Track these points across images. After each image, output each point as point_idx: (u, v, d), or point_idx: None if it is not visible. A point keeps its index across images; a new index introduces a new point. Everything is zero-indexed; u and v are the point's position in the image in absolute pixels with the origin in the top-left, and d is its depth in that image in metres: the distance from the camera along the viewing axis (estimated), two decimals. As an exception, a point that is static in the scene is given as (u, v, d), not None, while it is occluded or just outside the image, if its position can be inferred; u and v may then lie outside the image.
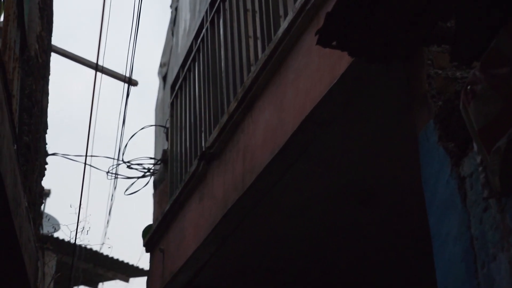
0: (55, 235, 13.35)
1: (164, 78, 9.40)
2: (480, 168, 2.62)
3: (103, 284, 16.79)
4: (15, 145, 4.48)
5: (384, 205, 5.35)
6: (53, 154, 8.20)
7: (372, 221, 5.60)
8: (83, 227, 10.76)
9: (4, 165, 3.95)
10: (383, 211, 5.43)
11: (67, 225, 18.77)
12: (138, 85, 14.32)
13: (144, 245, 7.49)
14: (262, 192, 4.92)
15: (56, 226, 13.18)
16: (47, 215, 12.67)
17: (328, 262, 6.46)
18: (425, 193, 3.14)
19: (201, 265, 6.16)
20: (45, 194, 15.06)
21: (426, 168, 3.15)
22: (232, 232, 5.54)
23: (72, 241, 12.99)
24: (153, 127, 9.56)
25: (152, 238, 7.25)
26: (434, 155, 3.06)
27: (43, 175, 6.73)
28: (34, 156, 5.78)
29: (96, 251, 13.85)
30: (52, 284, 11.30)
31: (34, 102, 5.82)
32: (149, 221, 7.94)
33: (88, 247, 13.38)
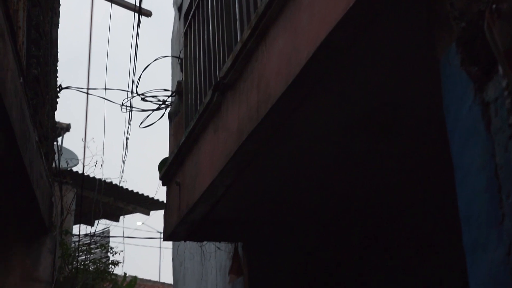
0: (74, 169, 13.35)
1: (179, 8, 9.19)
2: (506, 93, 2.45)
3: (124, 217, 16.89)
4: (21, 78, 4.34)
5: (404, 134, 5.21)
6: (67, 87, 8.07)
7: (391, 151, 5.48)
8: (101, 161, 10.70)
9: (9, 99, 3.83)
10: (403, 140, 5.30)
11: (85, 159, 18.82)
12: (154, 17, 14.10)
13: (160, 178, 7.41)
14: (277, 123, 4.77)
15: (75, 161, 13.17)
16: (66, 149, 12.65)
17: (345, 194, 6.37)
18: (447, 121, 2.98)
19: (218, 198, 6.09)
20: (65, 128, 15.06)
21: (448, 94, 2.98)
22: (248, 164, 5.43)
23: (91, 175, 13.05)
24: (170, 59, 9.40)
25: (168, 171, 7.17)
26: (456, 80, 2.89)
27: (55, 109, 6.60)
28: (44, 89, 5.65)
29: (115, 185, 13.86)
30: (72, 218, 11.36)
31: (42, 34, 5.65)
32: (165, 154, 7.85)
33: (108, 180, 13.40)
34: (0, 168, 4.42)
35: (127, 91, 8.36)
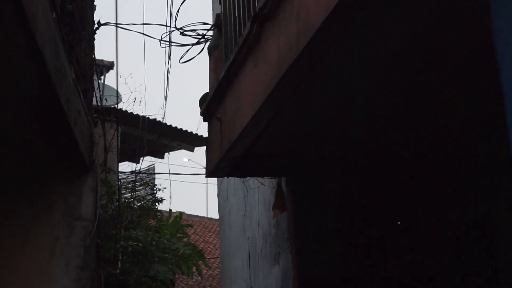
0: (118, 106, 13.34)
1: None
2: None
3: (169, 154, 16.93)
4: (54, 13, 4.22)
5: (450, 64, 5.01)
6: (106, 23, 7.95)
7: (436, 82, 5.29)
8: (141, 98, 10.65)
9: (41, 34, 3.72)
10: (449, 70, 5.11)
11: (128, 96, 18.84)
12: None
13: (201, 114, 7.32)
14: (318, 54, 4.60)
15: (118, 98, 13.15)
16: (109, 87, 12.62)
17: (391, 126, 6.21)
18: (496, 46, 2.81)
19: (259, 132, 5.97)
20: (108, 66, 15.03)
21: (498, 19, 2.80)
22: (289, 97, 5.28)
23: (135, 112, 13.04)
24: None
25: (208, 106, 7.06)
26: (507, 3, 2.72)
27: (93, 45, 6.50)
28: (80, 25, 5.53)
29: (159, 121, 13.83)
30: (116, 156, 11.38)
31: (76, -32, 5.50)
32: (206, 89, 7.73)
33: (151, 117, 13.37)
34: (36, 106, 4.34)
35: (166, 26, 8.22)
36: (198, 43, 7.73)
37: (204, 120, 7.33)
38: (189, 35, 7.66)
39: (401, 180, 7.22)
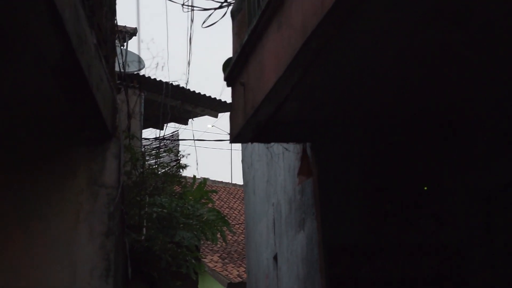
0: (140, 73, 13.29)
1: None
2: None
3: (192, 120, 16.86)
4: (73, -23, 4.14)
5: (479, 25, 4.88)
6: (127, -11, 7.85)
7: (464, 43, 5.16)
8: (163, 64, 10.57)
9: (60, -2, 3.65)
10: (477, 31, 4.97)
11: (150, 62, 18.75)
12: None
13: (225, 79, 7.23)
14: (344, 16, 4.49)
15: (141, 64, 13.09)
16: (132, 53, 12.55)
17: (414, 91, 6.10)
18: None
19: (283, 98, 5.88)
20: (130, 32, 14.94)
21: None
22: (313, 61, 5.18)
23: (158, 78, 12.98)
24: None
25: (232, 71, 6.97)
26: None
27: (114, 10, 6.41)
28: (100, -11, 5.46)
29: (182, 87, 13.75)
30: (139, 122, 11.35)
31: None
32: (229, 54, 7.64)
33: (175, 83, 13.29)
34: (57, 73, 4.29)
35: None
36: (221, 7, 7.63)
37: (228, 85, 7.25)
38: (212, -1, 7.56)
39: (427, 145, 7.12)
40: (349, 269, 6.78)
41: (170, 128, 21.84)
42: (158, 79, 12.74)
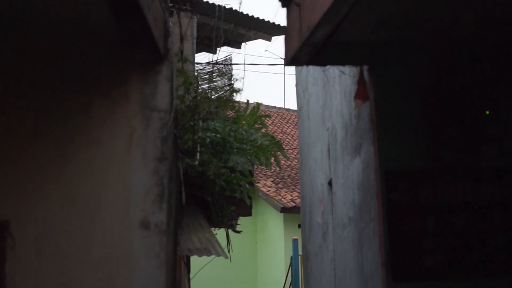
0: (193, -4, 13.03)
1: None
2: None
3: (246, 44, 16.64)
4: None
5: None
6: None
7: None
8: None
9: None
10: None
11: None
12: None
13: (279, -1, 6.99)
14: None
15: (193, -13, 12.83)
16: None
17: (477, 9, 5.80)
18: None
19: (340, 18, 5.64)
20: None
21: None
22: (374, -22, 4.93)
23: (210, 1, 12.75)
24: None
25: (287, -9, 6.73)
26: None
27: None
28: None
29: (235, 10, 13.52)
30: (193, 46, 11.19)
31: None
32: (284, -27, 7.35)
33: (227, 6, 13.05)
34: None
35: None
36: None
37: (283, 6, 7.01)
38: None
39: (490, 68, 6.83)
40: (407, 195, 6.63)
41: (223, 52, 21.64)
42: (210, 2, 12.50)
